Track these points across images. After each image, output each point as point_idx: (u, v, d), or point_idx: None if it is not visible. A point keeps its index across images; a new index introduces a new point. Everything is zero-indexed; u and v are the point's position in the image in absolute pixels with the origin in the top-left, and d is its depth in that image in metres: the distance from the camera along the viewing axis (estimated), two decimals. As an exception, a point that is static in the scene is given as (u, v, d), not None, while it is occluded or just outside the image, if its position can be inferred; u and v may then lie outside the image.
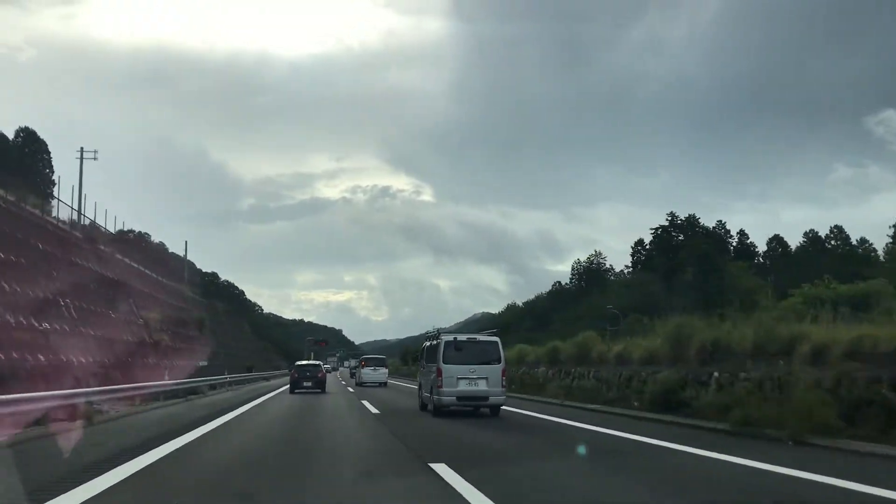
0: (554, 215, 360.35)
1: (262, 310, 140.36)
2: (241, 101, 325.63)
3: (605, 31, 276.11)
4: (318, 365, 37.13)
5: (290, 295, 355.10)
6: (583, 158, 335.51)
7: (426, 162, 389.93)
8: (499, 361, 18.38)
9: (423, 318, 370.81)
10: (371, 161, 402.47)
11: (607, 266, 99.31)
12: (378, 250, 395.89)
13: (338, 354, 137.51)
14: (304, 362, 38.91)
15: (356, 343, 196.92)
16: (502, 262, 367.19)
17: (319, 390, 33.67)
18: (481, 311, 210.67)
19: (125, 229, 73.86)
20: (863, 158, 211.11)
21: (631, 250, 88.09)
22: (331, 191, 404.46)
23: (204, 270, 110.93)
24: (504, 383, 18.50)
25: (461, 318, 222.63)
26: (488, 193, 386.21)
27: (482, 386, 18.08)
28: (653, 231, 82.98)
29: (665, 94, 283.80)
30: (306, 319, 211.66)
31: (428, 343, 20.66)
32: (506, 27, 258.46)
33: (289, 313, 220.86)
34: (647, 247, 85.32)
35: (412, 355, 66.30)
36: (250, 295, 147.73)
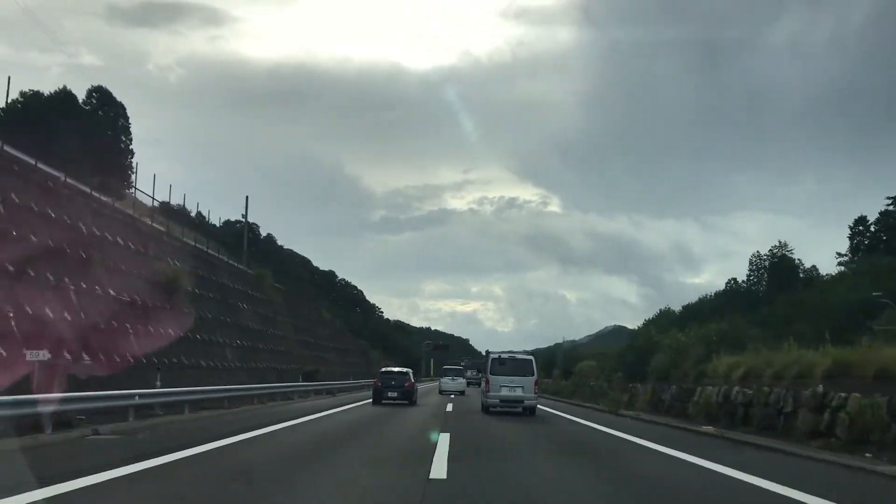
0: (688, 225, 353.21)
1: (383, 313, 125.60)
2: (373, 115, 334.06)
3: (743, 33, 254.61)
4: (406, 373, 31.40)
5: (418, 304, 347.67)
6: (719, 166, 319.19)
7: (554, 172, 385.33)
8: (532, 374, 24.72)
9: (551, 329, 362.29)
10: (498, 172, 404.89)
11: (795, 260, 76.80)
12: (505, 261, 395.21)
13: (463, 363, 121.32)
14: (390, 369, 32.96)
15: (483, 354, 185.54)
16: (633, 273, 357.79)
17: (406, 402, 28.93)
18: (614, 324, 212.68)
19: (232, 220, 70.68)
20: None
21: (849, 231, 66.39)
22: (458, 202, 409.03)
23: (322, 269, 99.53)
24: (536, 391, 25.33)
25: (591, 330, 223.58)
26: (618, 203, 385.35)
27: (519, 392, 24.10)
28: (889, 200, 61.50)
29: (809, 97, 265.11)
30: (433, 328, 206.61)
31: (484, 359, 29.99)
32: (639, 33, 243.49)
33: (417, 322, 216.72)
34: (873, 227, 63.65)
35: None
36: (382, 304, 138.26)
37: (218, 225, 63.94)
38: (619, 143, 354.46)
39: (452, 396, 40.46)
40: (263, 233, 79.78)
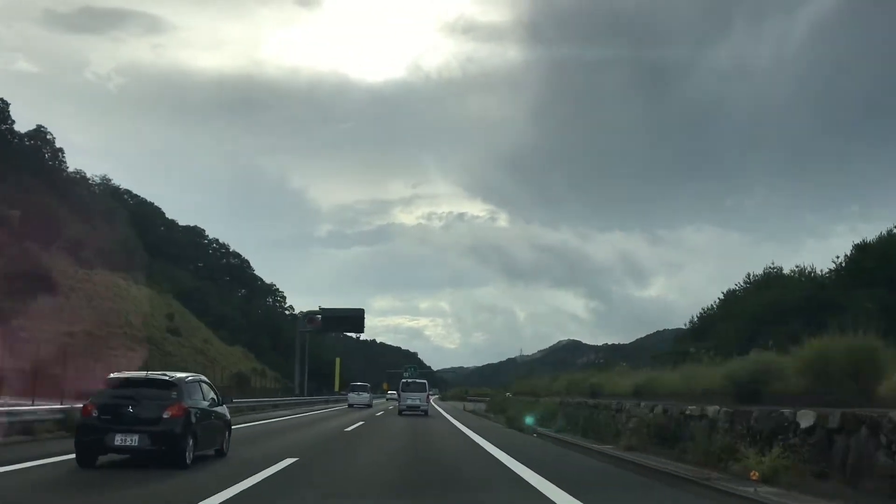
0: (637, 238, 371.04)
1: (284, 299, 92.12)
2: (321, 129, 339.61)
3: (687, 53, 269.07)
4: (171, 385, 12.84)
5: (365, 321, 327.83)
6: (666, 178, 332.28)
7: (503, 188, 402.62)
8: (425, 391, 38.68)
9: (502, 344, 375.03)
10: (447, 188, 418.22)
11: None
12: (453, 277, 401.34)
13: (407, 376, 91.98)
14: (125, 375, 13.61)
15: (434, 369, 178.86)
16: (581, 286, 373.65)
17: (169, 454, 12.44)
18: (567, 338, 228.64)
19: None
20: None
21: None
22: (407, 217, 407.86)
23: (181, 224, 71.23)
24: (427, 400, 39.03)
25: (542, 345, 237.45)
26: (567, 218, 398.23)
27: (417, 402, 37.27)
28: None
29: (754, 115, 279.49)
30: (378, 340, 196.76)
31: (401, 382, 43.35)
32: (584, 50, 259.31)
33: (362, 337, 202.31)
34: None
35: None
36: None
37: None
38: (568, 159, 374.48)
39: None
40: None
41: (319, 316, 63.08)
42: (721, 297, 47.80)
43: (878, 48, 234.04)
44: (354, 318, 64.60)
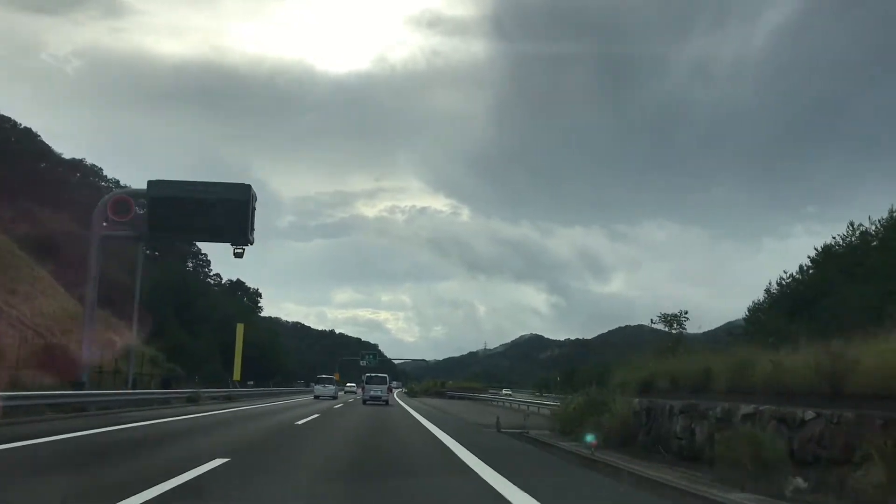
0: (597, 233, 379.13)
1: (203, 266, 76.45)
2: (284, 119, 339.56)
3: (651, 52, 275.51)
4: None
5: (326, 313, 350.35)
6: (627, 175, 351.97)
7: (466, 182, 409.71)
8: (385, 384, 45.62)
9: (462, 338, 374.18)
10: (410, 181, 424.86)
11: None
12: (415, 270, 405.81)
13: (365, 364, 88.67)
14: None
15: (395, 362, 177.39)
16: (541, 280, 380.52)
17: None
18: (530, 333, 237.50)
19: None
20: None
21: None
22: (369, 210, 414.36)
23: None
24: (387, 392, 45.70)
25: (504, 339, 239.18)
26: (528, 214, 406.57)
27: (379, 393, 43.10)
28: None
29: (714, 117, 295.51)
30: (337, 331, 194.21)
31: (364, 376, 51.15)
32: (548, 47, 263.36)
33: (322, 328, 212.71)
34: None
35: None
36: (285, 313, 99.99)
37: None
38: (531, 154, 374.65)
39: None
40: None
41: (142, 202, 28.46)
42: (815, 252, 34.29)
43: (837, 52, 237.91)
44: (226, 209, 28.27)
